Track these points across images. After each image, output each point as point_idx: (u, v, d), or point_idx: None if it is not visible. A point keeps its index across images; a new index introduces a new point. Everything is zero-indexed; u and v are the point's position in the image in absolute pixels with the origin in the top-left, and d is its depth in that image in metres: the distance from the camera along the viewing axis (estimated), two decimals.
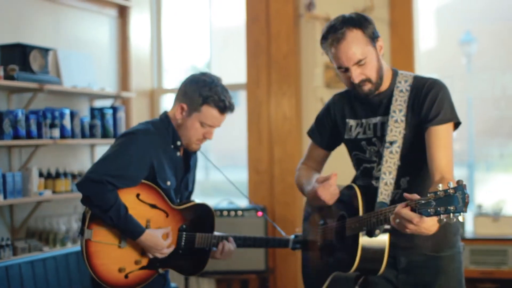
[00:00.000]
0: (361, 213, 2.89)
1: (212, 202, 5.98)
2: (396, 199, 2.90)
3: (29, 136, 4.79)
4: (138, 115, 6.21)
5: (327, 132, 3.21)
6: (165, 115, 3.42)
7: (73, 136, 5.15)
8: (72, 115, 5.18)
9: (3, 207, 4.87)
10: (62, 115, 5.05)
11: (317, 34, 5.78)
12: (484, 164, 6.25)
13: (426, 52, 6.09)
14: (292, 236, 3.63)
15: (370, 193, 2.92)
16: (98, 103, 5.86)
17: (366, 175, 3.04)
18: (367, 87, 2.87)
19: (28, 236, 5.03)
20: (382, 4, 5.60)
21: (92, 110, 5.59)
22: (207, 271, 5.52)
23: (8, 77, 4.67)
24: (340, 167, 3.45)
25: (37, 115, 4.90)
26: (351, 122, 3.07)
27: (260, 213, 5.55)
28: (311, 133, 3.30)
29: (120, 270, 3.26)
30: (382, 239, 2.86)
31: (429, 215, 2.37)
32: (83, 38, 5.79)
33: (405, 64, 5.34)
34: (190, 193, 3.60)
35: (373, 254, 2.84)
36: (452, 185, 2.34)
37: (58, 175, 5.06)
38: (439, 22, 6.22)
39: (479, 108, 6.20)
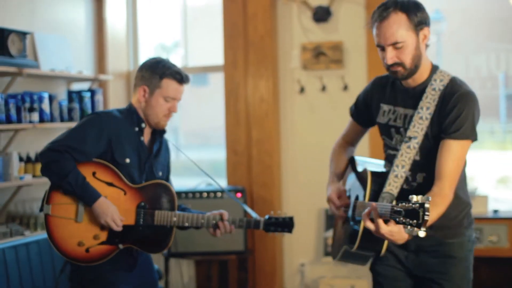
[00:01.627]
0: (366, 199, 3.02)
1: (191, 183, 6.02)
2: (409, 193, 2.94)
3: (8, 120, 4.77)
4: (116, 98, 6.22)
5: (363, 111, 3.32)
6: (129, 103, 3.62)
7: (52, 120, 5.14)
8: (51, 98, 5.17)
9: None
10: (41, 99, 5.03)
11: (294, 15, 5.86)
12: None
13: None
14: (266, 217, 3.70)
15: (384, 180, 3.02)
16: (76, 86, 5.84)
17: (389, 161, 3.14)
18: (400, 71, 2.93)
19: (8, 220, 5.03)
20: None
21: (70, 93, 5.57)
22: (187, 252, 5.61)
23: None
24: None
25: (16, 99, 4.88)
26: (385, 107, 3.15)
27: (239, 194, 5.60)
28: (350, 110, 3.42)
29: (79, 244, 3.43)
30: None
31: (399, 222, 2.53)
32: (59, 21, 5.76)
33: None
34: (166, 179, 3.72)
35: (373, 238, 2.91)
36: (421, 200, 2.47)
37: (38, 159, 5.05)
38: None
39: None
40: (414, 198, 2.49)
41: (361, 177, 3.21)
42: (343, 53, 5.71)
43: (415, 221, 2.48)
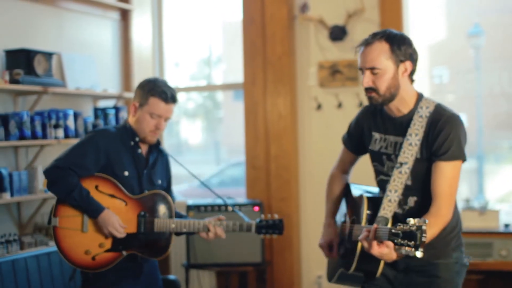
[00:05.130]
0: (363, 223, 3.18)
1: (211, 197, 6.20)
2: (401, 216, 3.16)
3: (34, 136, 5.05)
4: None
5: (356, 139, 3.46)
6: (125, 120, 3.95)
7: (76, 135, 5.40)
8: (76, 115, 5.44)
9: (10, 204, 5.13)
10: (66, 116, 5.29)
11: (311, 35, 6.04)
12: (493, 156, 6.38)
13: (435, 45, 6.20)
14: (257, 221, 3.92)
15: (379, 205, 3.17)
16: (102, 104, 6.10)
17: (380, 187, 3.29)
18: (374, 96, 3.10)
19: (35, 231, 5.29)
20: (372, 6, 5.80)
21: (96, 110, 5.85)
22: (206, 263, 5.80)
23: (13, 81, 4.93)
24: (365, 169, 3.73)
25: (42, 116, 5.15)
26: (376, 136, 3.30)
27: (256, 208, 5.76)
28: (343, 139, 3.56)
29: (86, 252, 3.68)
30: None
31: (397, 243, 2.70)
32: (86, 41, 6.03)
33: None
34: (166, 189, 3.97)
35: (370, 260, 3.08)
36: (419, 223, 2.63)
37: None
38: (449, 15, 6.27)
39: (488, 101, 6.26)
40: (412, 221, 2.65)
41: (357, 202, 3.36)
42: (358, 71, 5.86)
43: (412, 242, 2.63)
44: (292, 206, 6.06)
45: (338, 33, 5.88)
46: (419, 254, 2.63)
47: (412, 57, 3.11)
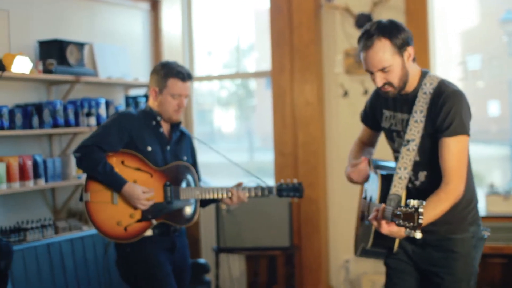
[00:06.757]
0: (377, 201, 3.28)
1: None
2: (414, 191, 3.25)
3: (67, 124, 5.22)
4: None
5: (370, 116, 3.57)
6: (145, 103, 4.20)
7: None
8: (107, 104, 5.60)
9: (45, 190, 5.31)
10: (97, 104, 5.45)
11: (337, 23, 6.12)
12: None
13: (467, 32, 6.20)
14: (278, 184, 4.15)
15: (391, 182, 3.27)
16: (133, 92, 6.26)
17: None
18: (390, 90, 3.19)
19: (69, 216, 5.47)
20: None
21: (127, 98, 6.01)
22: (235, 247, 5.93)
23: (47, 71, 5.10)
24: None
25: (75, 105, 5.32)
26: (386, 113, 3.40)
27: None
28: (361, 115, 3.68)
29: (118, 223, 3.88)
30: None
31: (399, 224, 2.79)
32: (117, 31, 6.20)
33: (420, 52, 5.55)
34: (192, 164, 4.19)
35: (385, 237, 3.15)
36: (417, 205, 2.72)
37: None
38: (481, 1, 6.24)
39: None
40: (411, 202, 2.74)
41: (375, 178, 3.47)
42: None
43: (411, 224, 2.73)
44: (320, 191, 6.16)
45: (363, 21, 5.93)
46: (418, 235, 2.71)
47: (410, 39, 3.16)
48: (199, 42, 7.08)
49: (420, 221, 2.70)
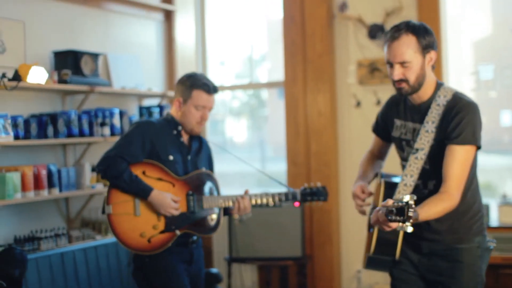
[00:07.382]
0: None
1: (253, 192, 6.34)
2: (423, 200, 3.23)
3: (81, 134, 5.26)
4: None
5: (382, 126, 3.61)
6: (168, 113, 4.16)
7: (122, 133, 5.58)
8: (121, 114, 5.63)
9: (59, 200, 5.35)
10: (112, 114, 5.49)
11: (350, 33, 6.14)
12: None
13: (480, 41, 6.19)
14: (301, 188, 4.12)
15: (395, 189, 3.30)
16: (147, 102, 6.29)
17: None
18: (404, 87, 3.22)
19: (83, 225, 5.50)
20: (410, 4, 5.87)
21: (141, 108, 6.05)
22: (247, 257, 5.94)
23: (61, 81, 5.14)
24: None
25: (89, 115, 5.36)
26: (397, 122, 3.44)
27: (297, 204, 5.86)
28: (373, 126, 3.72)
29: (142, 235, 3.86)
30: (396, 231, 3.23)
31: (391, 219, 2.79)
32: (131, 42, 6.24)
33: None
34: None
35: (387, 242, 3.22)
36: (408, 199, 2.73)
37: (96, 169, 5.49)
38: (494, 11, 6.23)
39: None
40: (405, 198, 2.75)
41: (379, 188, 3.49)
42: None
43: (402, 217, 2.73)
44: (332, 201, 6.16)
45: (376, 32, 5.97)
46: (409, 229, 2.71)
47: (435, 45, 3.23)
48: (212, 52, 7.13)
49: (410, 213, 2.71)
